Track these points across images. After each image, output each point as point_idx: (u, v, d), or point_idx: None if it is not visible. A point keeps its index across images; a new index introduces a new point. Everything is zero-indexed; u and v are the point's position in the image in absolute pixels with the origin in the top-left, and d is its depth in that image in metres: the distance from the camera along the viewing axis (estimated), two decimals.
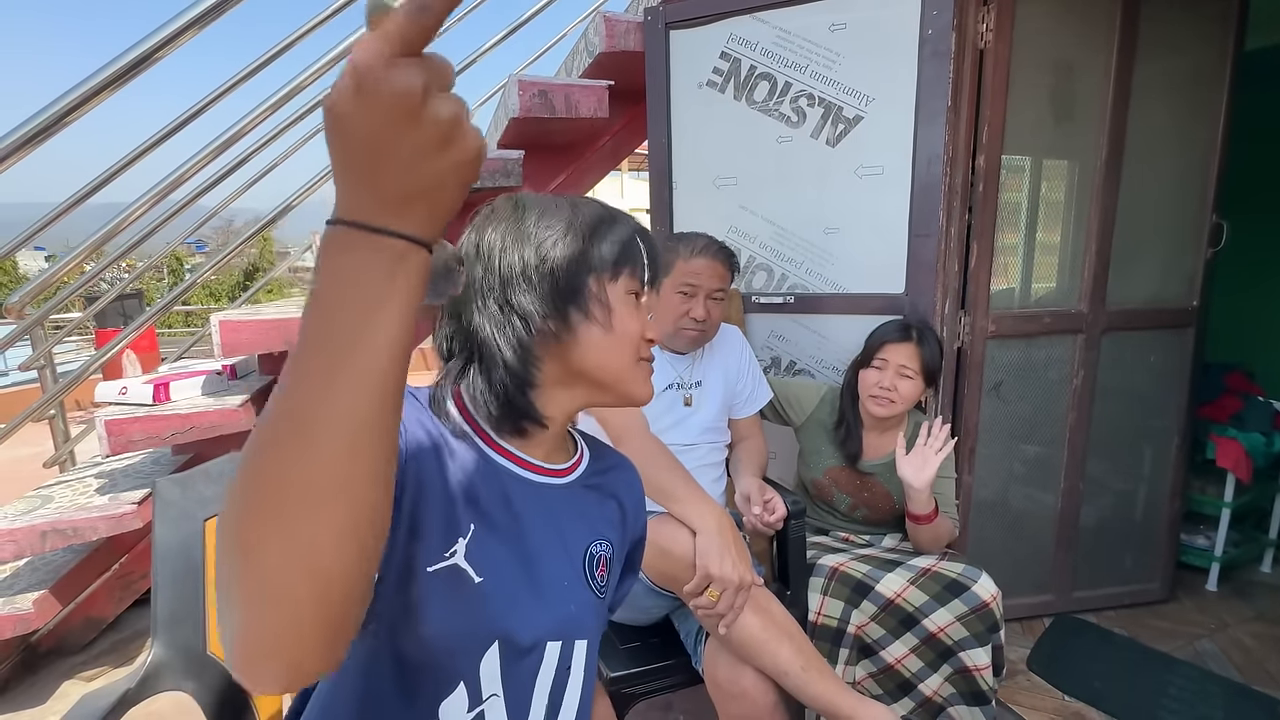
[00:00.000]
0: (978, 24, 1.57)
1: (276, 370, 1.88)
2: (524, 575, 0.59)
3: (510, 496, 0.60)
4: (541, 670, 0.59)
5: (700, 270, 1.32)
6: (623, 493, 0.73)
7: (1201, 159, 1.80)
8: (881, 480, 1.46)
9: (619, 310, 0.60)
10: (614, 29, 1.83)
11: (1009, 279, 1.82)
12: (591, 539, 0.66)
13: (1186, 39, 1.73)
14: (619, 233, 0.61)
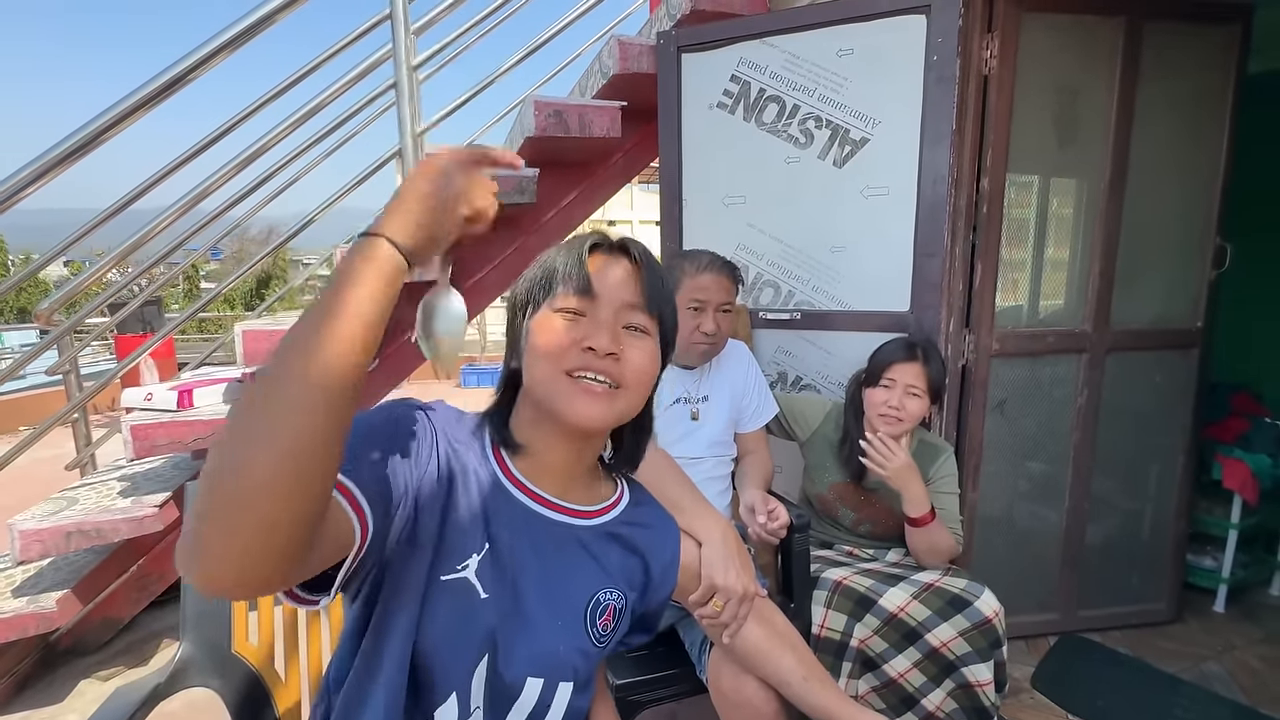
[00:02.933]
0: (982, 50, 1.60)
1: None
2: (516, 608, 0.61)
3: (520, 528, 0.63)
4: (520, 702, 0.62)
5: (707, 285, 1.35)
6: (652, 555, 0.73)
7: (1205, 181, 1.82)
8: (885, 495, 1.48)
9: (534, 331, 0.63)
10: (627, 52, 1.88)
11: (1013, 298, 1.84)
12: (601, 586, 0.67)
13: (1189, 63, 1.76)
14: (545, 267, 0.65)
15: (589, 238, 0.66)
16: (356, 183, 2.31)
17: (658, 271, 0.67)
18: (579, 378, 0.60)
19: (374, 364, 2.01)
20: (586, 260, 0.63)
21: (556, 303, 0.62)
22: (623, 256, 0.66)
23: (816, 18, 1.70)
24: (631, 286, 0.64)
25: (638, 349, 0.64)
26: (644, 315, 0.64)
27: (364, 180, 2.34)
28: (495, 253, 2.11)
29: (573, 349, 0.61)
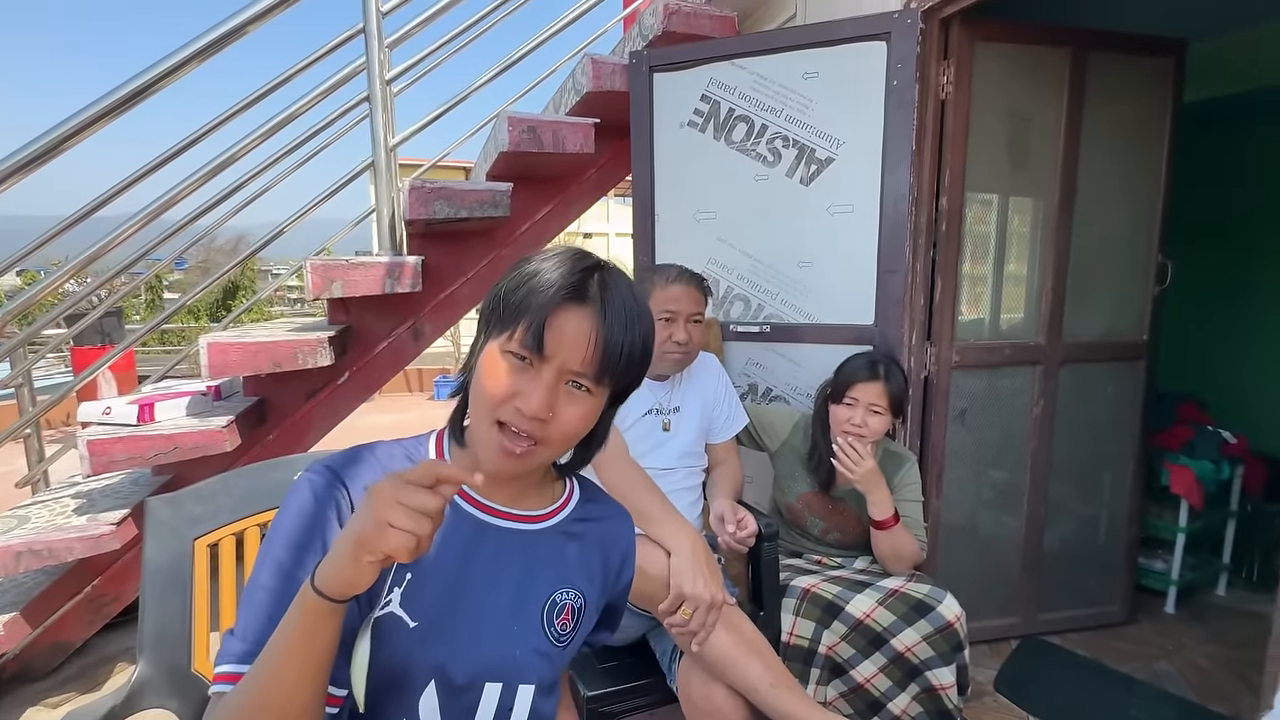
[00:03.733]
0: (939, 76, 1.68)
1: (260, 391, 1.90)
2: (464, 616, 0.63)
3: (466, 539, 0.65)
4: (480, 711, 0.63)
5: (678, 296, 1.38)
6: (608, 546, 0.75)
7: (1147, 201, 1.93)
8: (852, 504, 1.52)
9: (482, 365, 0.62)
10: (600, 70, 1.92)
11: (973, 312, 1.91)
12: (557, 587, 0.69)
13: (1130, 91, 1.87)
14: (518, 295, 0.61)
15: (555, 291, 0.60)
16: (329, 194, 2.30)
17: (625, 330, 0.62)
18: (505, 427, 0.61)
19: (344, 377, 1.99)
20: (548, 320, 0.59)
21: (511, 344, 0.60)
22: (590, 315, 0.61)
23: (783, 41, 1.76)
24: (584, 353, 0.60)
25: (573, 408, 0.62)
26: (591, 378, 0.62)
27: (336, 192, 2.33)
28: (469, 265, 2.11)
29: (506, 403, 0.60)
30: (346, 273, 1.67)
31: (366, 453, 0.67)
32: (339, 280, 1.66)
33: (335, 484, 0.63)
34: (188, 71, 1.52)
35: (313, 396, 1.96)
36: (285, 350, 1.61)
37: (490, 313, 0.64)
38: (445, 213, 1.75)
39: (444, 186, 1.73)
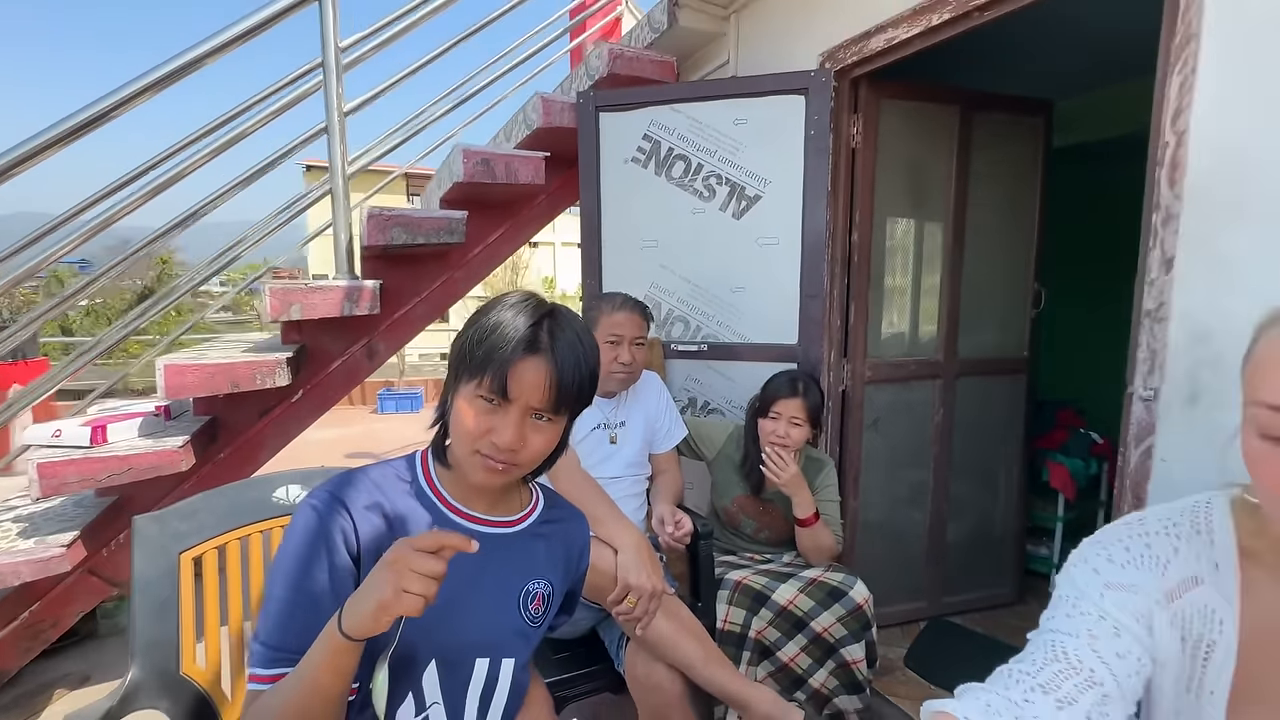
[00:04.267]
0: (849, 127, 1.92)
1: (212, 411, 1.92)
2: (457, 607, 0.76)
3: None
4: (472, 681, 0.78)
5: (622, 322, 1.54)
6: (570, 541, 0.89)
7: (1025, 236, 2.24)
8: (779, 505, 1.71)
9: (459, 407, 0.74)
10: (550, 108, 2.06)
11: (882, 333, 2.16)
12: (530, 578, 0.82)
13: (1008, 142, 2.18)
14: (483, 348, 0.72)
15: (514, 344, 0.71)
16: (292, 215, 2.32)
17: (574, 370, 0.74)
18: (484, 456, 0.74)
19: (298, 396, 2.04)
20: (509, 371, 0.71)
21: (481, 389, 0.72)
22: (543, 362, 0.72)
23: (716, 91, 1.96)
24: (542, 393, 0.72)
25: (539, 435, 0.75)
26: (550, 412, 0.74)
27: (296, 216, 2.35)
28: (423, 286, 2.19)
29: (483, 437, 0.73)
30: (305, 296, 1.73)
31: (361, 475, 0.78)
32: (298, 304, 1.72)
33: (337, 506, 0.74)
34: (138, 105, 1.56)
35: (265, 415, 1.99)
36: (244, 371, 1.66)
37: (460, 363, 0.75)
38: (403, 239, 1.84)
39: (401, 214, 1.83)
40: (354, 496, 0.76)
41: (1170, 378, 1.13)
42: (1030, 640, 0.66)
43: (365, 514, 0.75)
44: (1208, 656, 0.60)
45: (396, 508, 0.77)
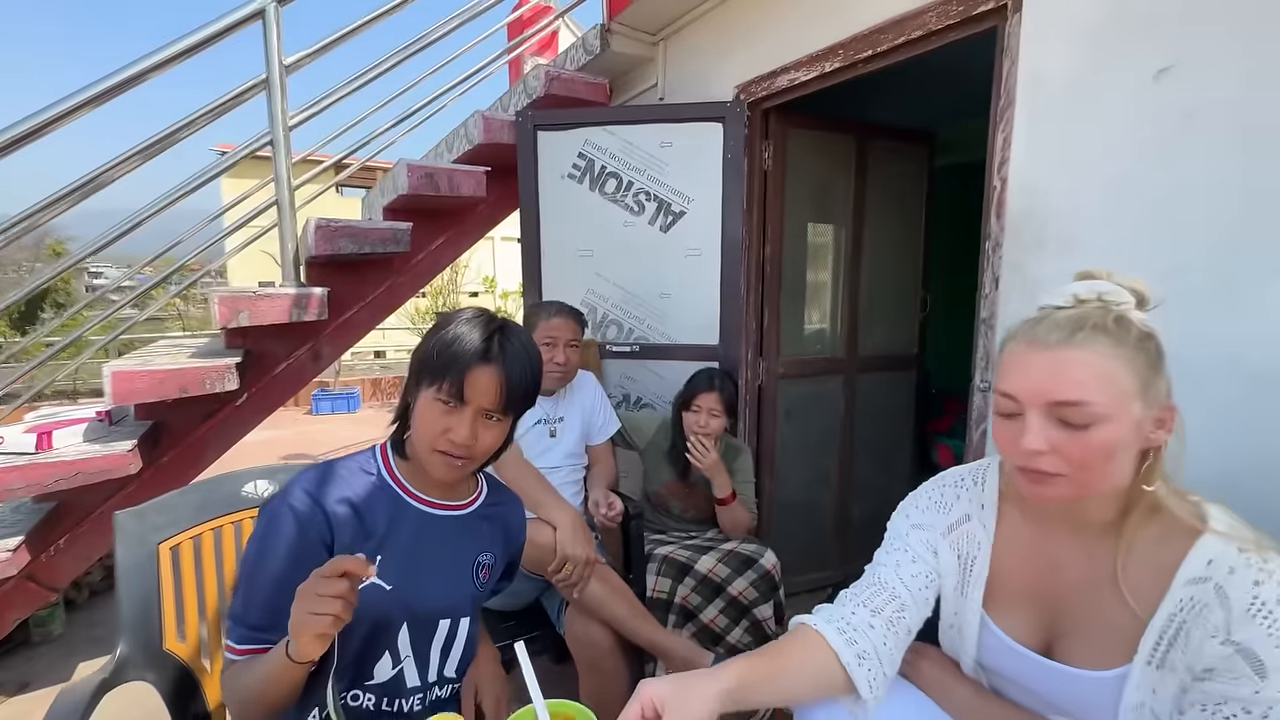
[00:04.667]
0: (761, 152, 2.16)
1: (154, 415, 1.96)
2: (424, 577, 0.91)
3: (415, 526, 0.92)
4: (435, 638, 0.94)
5: (557, 327, 1.71)
6: (509, 521, 1.05)
7: (913, 248, 2.57)
8: (702, 488, 1.93)
9: (420, 409, 0.86)
10: (490, 125, 2.20)
11: (793, 334, 2.43)
12: (479, 552, 0.98)
13: (898, 165, 2.49)
14: (443, 358, 0.83)
15: (470, 354, 0.83)
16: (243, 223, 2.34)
17: (521, 375, 0.86)
18: (443, 453, 0.85)
19: (243, 399, 2.09)
20: (465, 378, 0.83)
21: (440, 393, 0.84)
22: (495, 369, 0.84)
23: (644, 116, 2.16)
24: (494, 395, 0.84)
25: (490, 433, 0.87)
26: (500, 412, 0.86)
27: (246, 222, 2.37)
28: (368, 291, 2.28)
29: (441, 436, 0.85)
30: (253, 304, 1.81)
31: (331, 472, 0.90)
32: (246, 310, 1.80)
33: (312, 505, 0.85)
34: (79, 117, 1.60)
35: (209, 418, 2.04)
36: (193, 376, 1.72)
37: (421, 370, 0.86)
38: (350, 249, 1.94)
39: (349, 226, 1.93)
40: (326, 493, 0.87)
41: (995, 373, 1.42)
42: (865, 571, 0.90)
43: (336, 509, 0.86)
44: (971, 568, 0.84)
45: (363, 498, 0.89)
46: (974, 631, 0.83)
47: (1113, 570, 0.72)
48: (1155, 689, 0.68)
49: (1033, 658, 0.78)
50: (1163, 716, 0.67)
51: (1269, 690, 0.60)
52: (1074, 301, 0.73)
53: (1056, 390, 0.68)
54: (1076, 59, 1.24)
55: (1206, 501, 0.71)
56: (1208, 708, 0.63)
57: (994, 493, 0.87)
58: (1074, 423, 0.67)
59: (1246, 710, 0.61)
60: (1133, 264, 1.17)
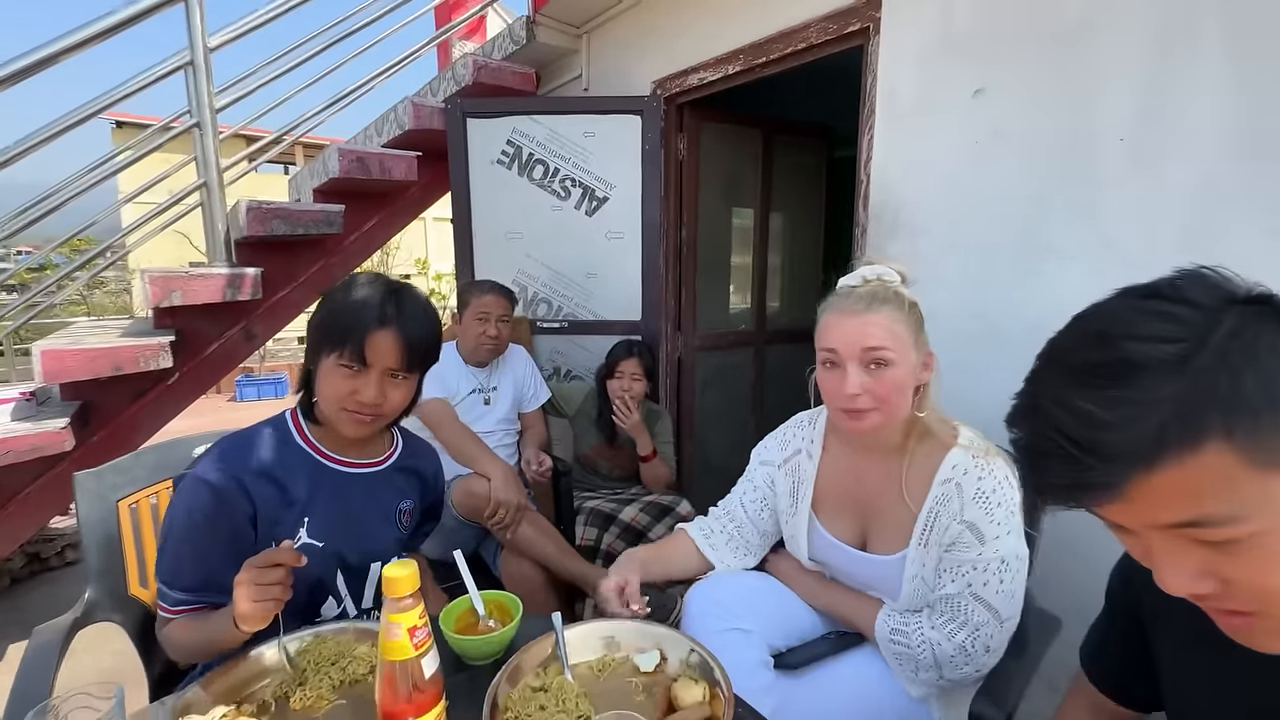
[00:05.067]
0: (677, 143, 2.37)
1: (82, 395, 1.97)
2: (353, 529, 0.97)
3: (337, 486, 0.97)
4: (369, 578, 1.01)
5: (489, 303, 1.87)
6: (424, 470, 1.10)
7: (814, 233, 2.87)
8: (627, 448, 2.15)
9: (323, 376, 0.90)
10: (420, 112, 2.29)
11: (708, 310, 2.67)
12: (400, 500, 1.04)
13: (800, 157, 2.77)
14: (341, 324, 0.86)
15: (368, 318, 0.86)
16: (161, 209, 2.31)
17: (421, 334, 0.89)
18: (351, 411, 0.89)
19: (174, 378, 2.13)
20: (365, 341, 0.86)
21: (343, 359, 0.86)
22: (393, 332, 0.87)
23: (569, 107, 2.31)
24: (395, 356, 0.87)
25: (397, 391, 0.91)
26: (405, 371, 0.90)
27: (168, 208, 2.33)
28: (300, 272, 2.34)
29: (349, 397, 0.88)
30: (186, 283, 1.86)
31: (244, 443, 0.93)
32: (179, 290, 1.85)
33: (229, 479, 0.87)
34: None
35: (140, 398, 2.07)
36: (127, 355, 1.77)
37: (320, 338, 0.89)
38: (283, 230, 2.01)
39: (281, 207, 1.99)
40: (243, 465, 0.90)
41: None
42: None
43: (255, 480, 0.89)
44: (801, 487, 1.09)
45: (281, 467, 0.92)
46: (804, 534, 1.08)
47: (900, 480, 0.97)
48: (924, 563, 0.94)
49: (849, 550, 1.03)
50: (929, 581, 0.94)
51: (988, 551, 0.88)
52: (863, 281, 0.97)
53: (865, 340, 0.92)
54: (919, 78, 1.51)
55: (963, 425, 0.98)
56: (952, 570, 0.90)
57: (821, 431, 1.12)
58: (876, 366, 0.91)
59: (974, 567, 0.88)
60: (956, 246, 1.47)
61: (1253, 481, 0.38)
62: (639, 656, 0.82)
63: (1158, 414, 0.37)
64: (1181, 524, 0.40)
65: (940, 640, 0.89)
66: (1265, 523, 0.38)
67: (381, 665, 0.59)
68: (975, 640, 0.88)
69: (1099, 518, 0.43)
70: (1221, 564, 0.40)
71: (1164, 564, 0.43)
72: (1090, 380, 0.40)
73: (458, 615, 0.86)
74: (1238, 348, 0.38)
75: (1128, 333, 0.40)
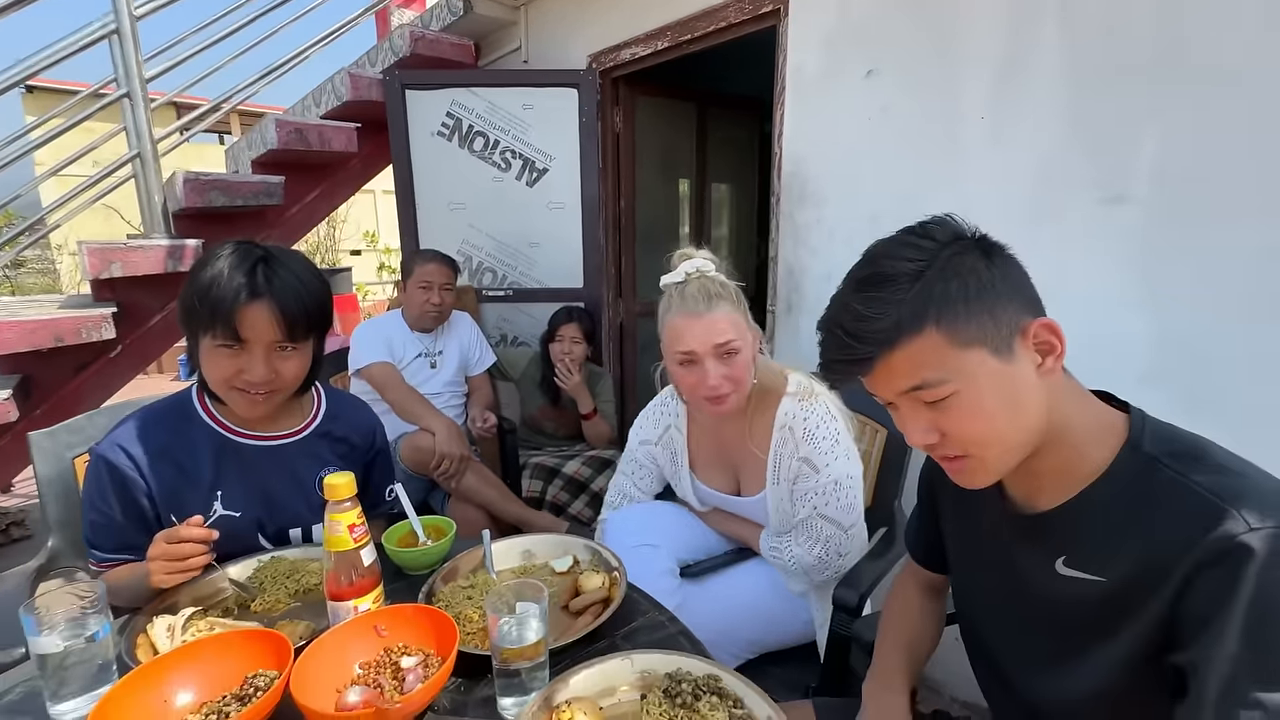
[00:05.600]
0: (613, 116, 2.46)
1: (20, 369, 1.97)
2: (269, 503, 0.97)
3: (249, 461, 0.96)
4: (293, 539, 1.00)
5: (432, 272, 1.96)
6: (351, 432, 1.05)
7: (749, 199, 3.02)
8: (570, 408, 2.29)
9: (205, 360, 0.87)
10: (358, 83, 2.32)
11: (648, 277, 2.81)
12: (320, 469, 1.00)
13: (734, 128, 2.90)
14: (206, 303, 0.81)
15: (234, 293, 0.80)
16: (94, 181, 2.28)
17: (299, 302, 0.83)
18: (242, 390, 0.85)
19: (117, 350, 2.14)
20: (235, 318, 0.80)
21: (218, 339, 0.82)
22: (266, 303, 0.81)
23: (507, 80, 2.38)
24: (275, 328, 0.81)
25: (289, 363, 0.86)
26: (291, 342, 0.84)
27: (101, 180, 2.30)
28: None
29: (235, 378, 0.84)
30: (126, 255, 1.88)
31: (142, 424, 0.92)
32: (118, 261, 1.87)
33: (125, 462, 0.89)
34: None
35: (82, 370, 2.09)
36: (68, 326, 1.79)
37: (190, 318, 0.85)
38: (221, 202, 2.03)
39: (219, 179, 2.01)
40: (143, 447, 0.89)
41: (780, 299, 1.87)
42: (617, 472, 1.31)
43: (153, 462, 0.89)
44: (678, 455, 1.24)
45: (183, 447, 0.92)
46: (690, 490, 1.24)
47: (746, 434, 1.13)
48: (781, 497, 1.11)
49: (727, 497, 1.20)
50: (787, 511, 1.11)
51: (823, 478, 1.05)
52: (686, 277, 1.07)
53: (715, 338, 1.01)
54: (822, 58, 1.65)
55: (791, 370, 1.13)
56: (801, 498, 1.07)
57: (683, 406, 1.24)
58: (727, 354, 1.02)
59: (816, 492, 1.05)
60: (855, 211, 1.64)
61: (954, 355, 0.53)
62: (555, 561, 0.97)
63: (898, 310, 0.54)
64: (912, 388, 0.55)
65: (803, 555, 1.08)
66: (961, 384, 0.54)
67: (327, 557, 0.72)
68: (828, 549, 1.07)
69: (870, 394, 0.60)
70: (939, 419, 0.56)
71: (906, 422, 0.59)
72: (859, 287, 0.57)
73: (399, 536, 1.00)
74: (952, 267, 0.54)
75: (886, 255, 0.57)
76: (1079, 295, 1.23)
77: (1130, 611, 0.53)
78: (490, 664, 0.67)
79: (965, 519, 0.73)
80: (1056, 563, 0.59)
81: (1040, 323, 0.55)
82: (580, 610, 0.84)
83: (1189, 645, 0.49)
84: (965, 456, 0.58)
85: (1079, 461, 0.58)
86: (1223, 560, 0.47)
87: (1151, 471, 0.54)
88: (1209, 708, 0.46)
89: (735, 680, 0.66)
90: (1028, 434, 0.57)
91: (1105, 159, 1.22)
